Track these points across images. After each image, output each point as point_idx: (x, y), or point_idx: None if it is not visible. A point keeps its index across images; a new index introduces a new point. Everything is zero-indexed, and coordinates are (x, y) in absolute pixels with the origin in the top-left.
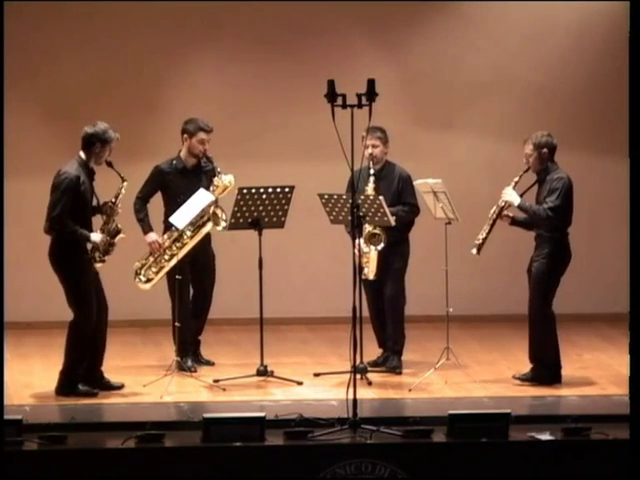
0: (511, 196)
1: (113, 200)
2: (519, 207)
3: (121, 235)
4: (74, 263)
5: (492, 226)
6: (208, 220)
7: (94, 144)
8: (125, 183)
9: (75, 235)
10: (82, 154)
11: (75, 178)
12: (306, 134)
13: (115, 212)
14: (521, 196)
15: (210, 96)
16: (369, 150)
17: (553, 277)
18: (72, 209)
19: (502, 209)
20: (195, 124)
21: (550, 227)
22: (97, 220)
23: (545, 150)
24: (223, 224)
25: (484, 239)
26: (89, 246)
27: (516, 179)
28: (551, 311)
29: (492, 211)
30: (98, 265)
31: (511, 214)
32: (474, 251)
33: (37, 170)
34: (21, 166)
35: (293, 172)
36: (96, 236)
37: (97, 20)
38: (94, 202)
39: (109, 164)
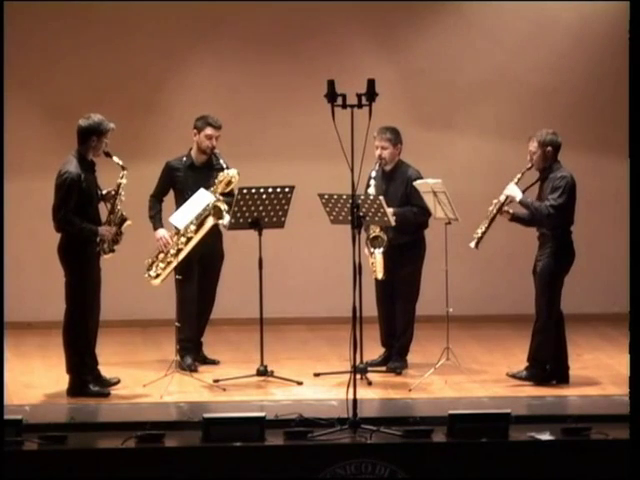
0: (514, 191)
1: (115, 189)
2: (521, 202)
3: (128, 222)
4: (81, 259)
5: (492, 221)
6: (209, 214)
7: (90, 137)
8: (125, 171)
9: (83, 232)
10: (79, 148)
11: (76, 176)
12: (306, 134)
13: (118, 200)
14: (523, 192)
15: (210, 96)
16: (378, 152)
17: (558, 275)
18: (77, 206)
19: (503, 204)
20: (204, 120)
21: (552, 225)
22: (102, 209)
23: (549, 148)
24: (227, 217)
25: (483, 233)
26: (98, 239)
27: (519, 175)
28: (559, 311)
29: (492, 206)
30: (108, 256)
31: (511, 210)
32: (472, 244)
33: (37, 170)
34: (21, 166)
35: (293, 172)
36: (102, 229)
37: (97, 20)
38: (98, 193)
39: (107, 154)
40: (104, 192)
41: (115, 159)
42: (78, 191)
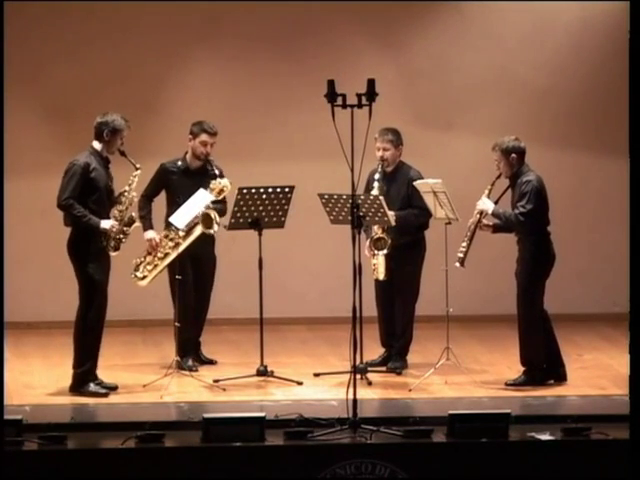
0: (485, 204)
1: (127, 189)
2: (493, 214)
3: (136, 224)
4: (90, 254)
5: (472, 237)
6: (198, 222)
7: (103, 132)
8: (138, 171)
9: (84, 220)
10: (94, 143)
11: (84, 164)
12: (306, 134)
13: (129, 200)
14: (496, 202)
15: (210, 96)
16: (379, 153)
17: (536, 279)
18: (83, 195)
19: (479, 220)
20: (199, 126)
21: (527, 231)
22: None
23: (513, 155)
24: (215, 227)
25: (466, 251)
26: (102, 234)
27: (489, 187)
28: (544, 312)
29: (470, 222)
30: (114, 254)
31: (491, 222)
32: (457, 264)
33: (37, 169)
34: (21, 166)
35: (293, 172)
36: (106, 223)
37: (97, 20)
38: (109, 188)
39: (122, 153)
40: (117, 193)
41: (129, 158)
42: (84, 180)
